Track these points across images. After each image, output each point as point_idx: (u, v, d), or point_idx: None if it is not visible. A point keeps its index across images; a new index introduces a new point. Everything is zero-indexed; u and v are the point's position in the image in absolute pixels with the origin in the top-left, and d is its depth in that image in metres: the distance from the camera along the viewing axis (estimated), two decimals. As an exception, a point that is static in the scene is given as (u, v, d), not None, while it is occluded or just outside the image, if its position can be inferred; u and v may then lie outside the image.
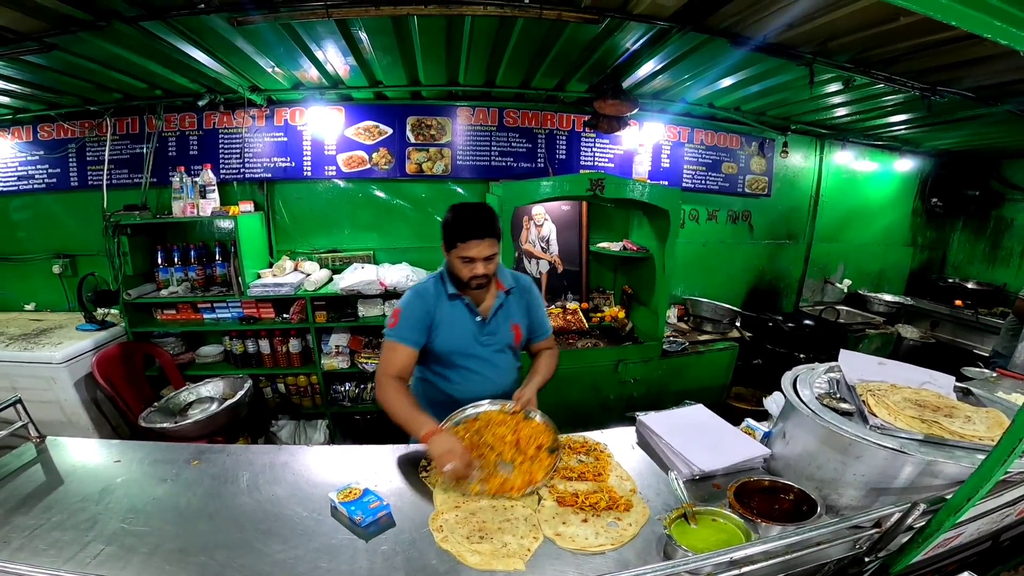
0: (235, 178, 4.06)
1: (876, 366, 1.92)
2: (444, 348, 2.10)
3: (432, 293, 2.08)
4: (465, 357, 2.13)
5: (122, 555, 1.38)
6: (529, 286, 2.29)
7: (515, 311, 2.21)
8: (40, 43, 2.54)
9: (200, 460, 1.89)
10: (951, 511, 1.25)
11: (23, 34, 2.50)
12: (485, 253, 1.95)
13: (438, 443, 1.73)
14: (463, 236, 1.93)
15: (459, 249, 1.95)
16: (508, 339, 2.19)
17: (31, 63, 2.87)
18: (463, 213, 1.98)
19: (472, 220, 1.95)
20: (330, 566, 1.37)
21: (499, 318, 2.16)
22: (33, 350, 3.30)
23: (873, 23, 2.41)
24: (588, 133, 4.35)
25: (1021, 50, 0.86)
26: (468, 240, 1.93)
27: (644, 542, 1.49)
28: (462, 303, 2.09)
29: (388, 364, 2.01)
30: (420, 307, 2.05)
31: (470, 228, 1.94)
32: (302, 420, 4.10)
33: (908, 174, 5.64)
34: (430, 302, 2.07)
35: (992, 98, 3.36)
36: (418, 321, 2.04)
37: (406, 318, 2.04)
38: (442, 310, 2.07)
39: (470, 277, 1.99)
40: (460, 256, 1.96)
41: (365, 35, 2.86)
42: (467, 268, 1.97)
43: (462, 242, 1.93)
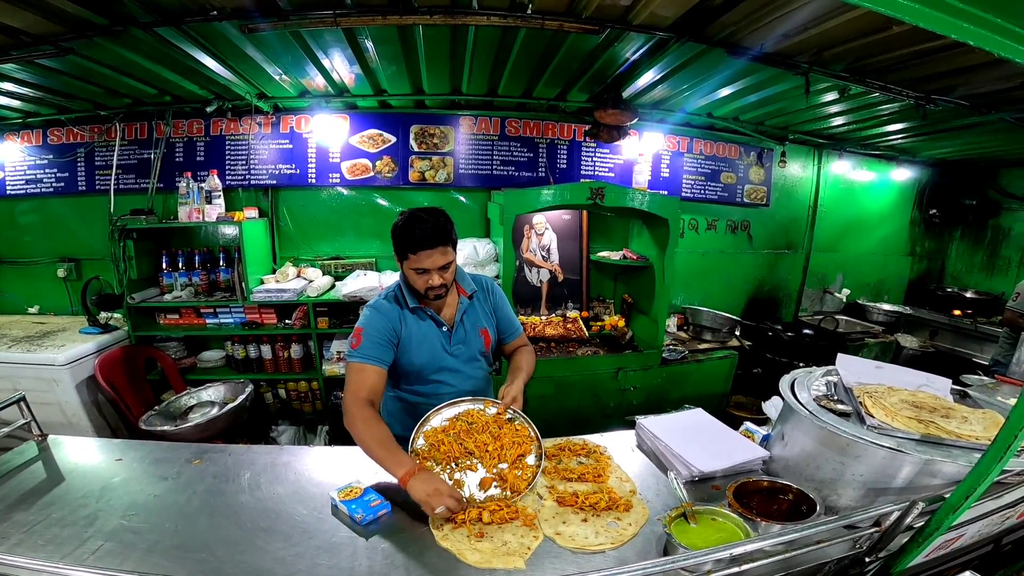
0: (240, 184, 4.11)
1: (873, 370, 1.94)
2: (413, 365, 2.00)
3: (391, 308, 1.97)
4: (436, 371, 2.04)
5: (120, 551, 1.39)
6: (491, 287, 2.20)
7: (481, 315, 2.14)
8: (56, 47, 2.60)
9: (201, 459, 1.91)
10: (950, 509, 1.26)
11: (39, 37, 2.56)
12: (439, 263, 1.85)
13: (420, 486, 1.54)
14: (414, 246, 1.82)
15: (411, 260, 1.85)
16: (478, 346, 2.11)
17: (45, 67, 2.92)
18: (412, 221, 1.83)
19: (422, 228, 1.81)
20: (330, 563, 1.38)
21: (465, 325, 2.08)
22: (36, 352, 3.32)
23: (866, 32, 2.46)
24: (588, 143, 4.40)
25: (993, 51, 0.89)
26: (419, 251, 1.82)
27: (644, 541, 1.50)
28: (425, 314, 2.01)
29: (357, 388, 1.82)
30: (383, 323, 1.93)
31: (422, 237, 1.81)
32: (302, 426, 4.10)
33: (905, 184, 5.69)
34: (393, 317, 1.95)
35: (986, 106, 3.41)
36: (382, 338, 1.91)
37: (369, 336, 1.90)
38: (407, 325, 1.98)
39: (426, 288, 1.89)
40: (413, 268, 1.86)
41: (371, 44, 2.93)
42: (422, 279, 1.88)
43: (413, 253, 1.83)
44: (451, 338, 2.05)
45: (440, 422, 1.89)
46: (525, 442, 1.83)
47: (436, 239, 1.82)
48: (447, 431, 1.84)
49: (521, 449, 1.80)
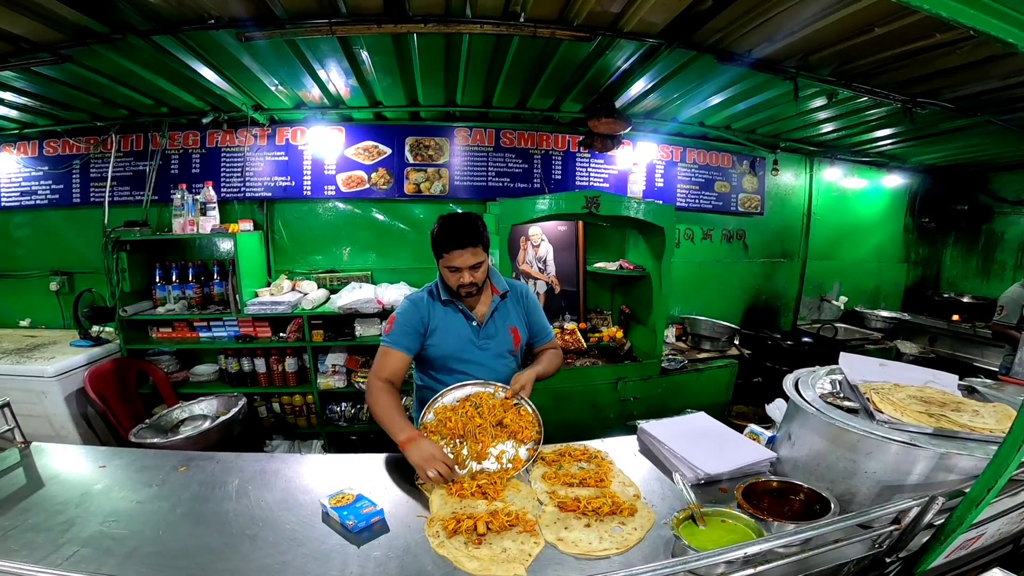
0: (236, 197, 4.11)
1: (877, 367, 1.92)
2: (440, 353, 2.12)
3: (426, 301, 2.13)
4: (462, 362, 2.14)
5: (97, 557, 1.34)
6: (526, 292, 2.32)
7: (512, 315, 2.24)
8: (54, 54, 2.61)
9: (188, 467, 1.85)
10: (971, 504, 1.21)
11: (38, 44, 2.57)
12: (470, 262, 1.99)
13: (416, 450, 1.73)
14: (447, 246, 1.98)
15: (445, 259, 2.00)
16: (507, 343, 2.20)
17: (43, 76, 2.94)
18: (447, 223, 2.02)
19: (455, 230, 1.99)
20: (319, 572, 1.33)
21: (496, 321, 2.18)
22: (25, 364, 3.27)
23: (850, 35, 2.51)
24: (583, 153, 4.43)
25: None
26: (452, 250, 1.97)
27: (651, 546, 1.45)
28: (455, 308, 2.14)
29: (380, 368, 2.04)
30: (414, 314, 2.10)
31: (454, 238, 1.97)
32: (297, 440, 4.03)
33: (897, 190, 5.75)
34: (423, 309, 2.11)
35: (972, 109, 3.46)
36: (412, 328, 2.08)
37: (400, 325, 2.08)
38: (436, 315, 2.12)
39: (458, 286, 2.04)
40: (447, 266, 2.01)
41: (367, 55, 2.95)
42: (454, 277, 2.02)
43: (447, 252, 1.99)
44: (480, 332, 2.15)
45: (451, 401, 2.00)
46: (527, 427, 1.94)
47: (467, 240, 1.97)
48: (456, 410, 1.95)
49: (524, 435, 1.91)
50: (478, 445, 1.85)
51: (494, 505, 1.61)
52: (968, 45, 2.52)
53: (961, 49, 2.57)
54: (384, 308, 3.71)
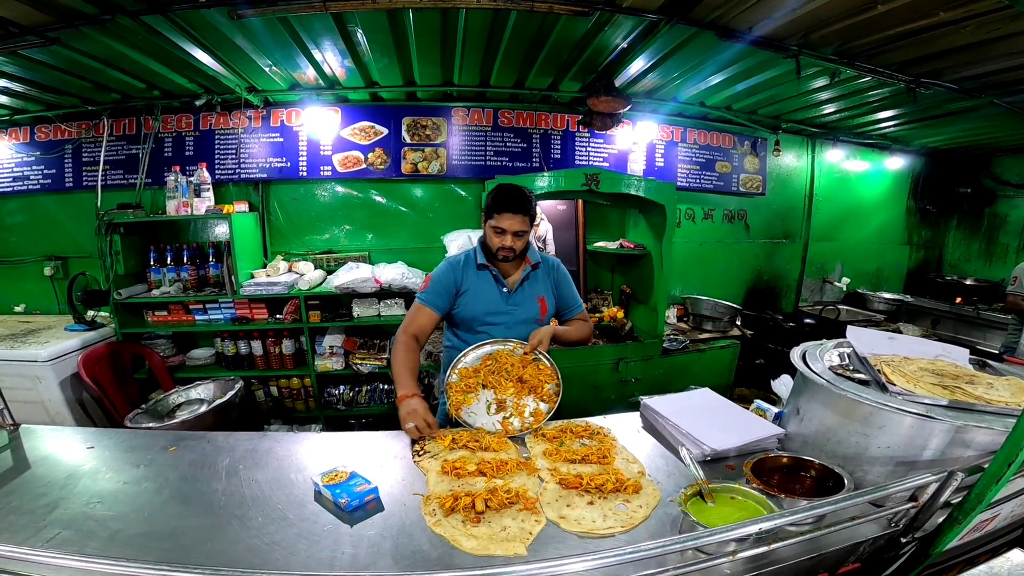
0: (230, 179, 4.05)
1: (887, 340, 1.87)
2: (468, 313, 2.23)
3: (462, 264, 2.25)
4: (488, 325, 2.24)
5: (78, 539, 1.30)
6: (557, 265, 2.42)
7: (542, 285, 2.34)
8: (42, 37, 2.54)
9: (178, 447, 1.81)
10: (991, 480, 1.16)
11: (27, 28, 2.51)
12: (516, 227, 2.11)
13: (405, 406, 1.88)
14: (499, 208, 2.11)
15: (494, 219, 2.12)
16: (533, 311, 2.30)
17: (33, 60, 2.88)
18: (503, 189, 2.15)
19: (509, 196, 2.12)
20: (309, 551, 1.28)
21: (525, 290, 2.29)
22: (18, 348, 3.24)
23: (853, 12, 2.45)
24: (582, 132, 4.37)
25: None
26: (503, 212, 2.10)
27: (657, 524, 1.41)
28: (489, 274, 2.24)
29: (409, 323, 2.19)
30: (449, 275, 2.22)
31: (507, 202, 2.11)
32: (295, 425, 4.01)
33: (900, 173, 5.69)
34: (458, 271, 2.23)
35: (975, 90, 3.40)
36: (445, 288, 2.21)
37: (435, 284, 2.22)
38: (469, 278, 2.23)
39: (499, 247, 2.15)
40: (493, 226, 2.13)
41: (362, 34, 2.89)
42: (498, 238, 2.14)
43: (498, 213, 2.11)
44: (509, 299, 2.26)
45: (473, 361, 2.12)
46: (547, 381, 2.07)
47: (518, 206, 2.11)
48: (478, 371, 2.06)
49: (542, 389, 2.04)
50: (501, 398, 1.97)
51: (493, 482, 1.57)
52: (972, 24, 2.46)
53: (965, 28, 2.52)
54: (382, 288, 3.67)
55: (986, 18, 2.39)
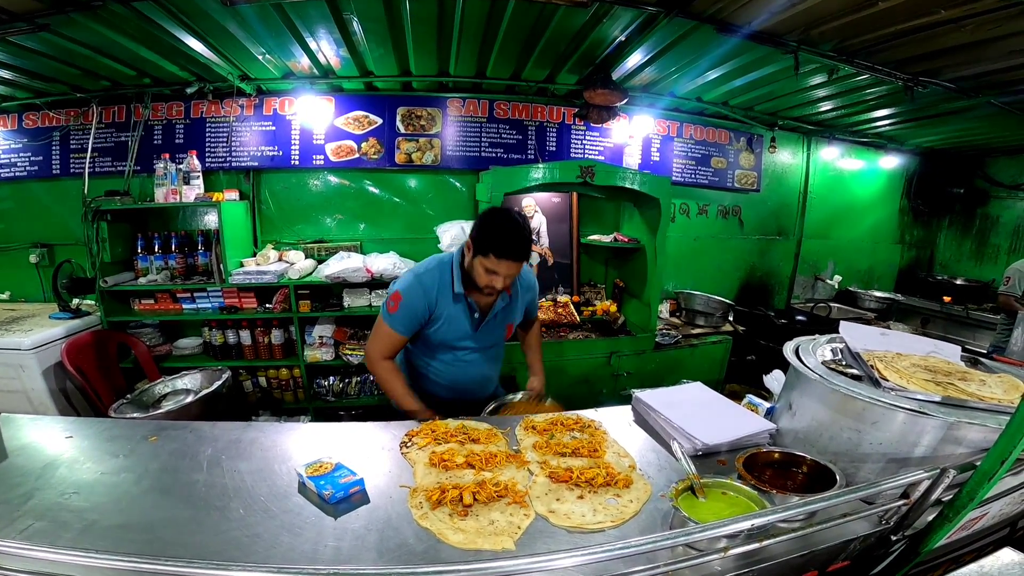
0: (221, 167, 4.00)
1: (879, 336, 1.87)
2: (436, 339, 2.13)
3: (436, 287, 2.04)
4: (454, 350, 2.16)
5: (52, 531, 1.26)
6: (532, 284, 2.35)
7: (514, 311, 2.24)
8: (31, 23, 2.49)
9: (159, 436, 1.77)
10: (983, 478, 1.15)
11: (15, 14, 2.46)
12: (514, 273, 1.96)
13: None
14: (501, 253, 1.88)
15: (490, 261, 1.90)
16: (500, 336, 2.25)
17: (21, 47, 2.82)
18: (510, 230, 1.90)
19: (515, 244, 1.89)
20: (291, 544, 1.25)
21: (497, 320, 2.18)
22: (2, 337, 3.17)
23: (853, 8, 2.43)
24: (578, 125, 4.34)
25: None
26: (504, 259, 1.89)
27: (648, 519, 1.39)
28: (464, 300, 2.08)
29: (383, 347, 2.08)
30: (421, 300, 2.02)
31: (513, 249, 1.89)
32: (283, 416, 3.96)
33: (894, 172, 5.71)
34: (432, 295, 2.03)
35: (972, 90, 3.40)
36: (416, 314, 2.04)
37: (406, 309, 2.02)
38: (443, 305, 2.06)
39: (486, 286, 1.97)
40: (486, 267, 1.92)
41: (358, 23, 2.84)
42: (488, 278, 1.95)
43: (498, 257, 1.89)
44: (479, 325, 2.14)
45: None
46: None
47: (524, 254, 1.93)
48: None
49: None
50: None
51: (482, 475, 1.55)
52: (972, 23, 2.45)
53: (965, 27, 2.50)
54: (373, 277, 3.63)
55: (986, 17, 2.38)
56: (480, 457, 1.63)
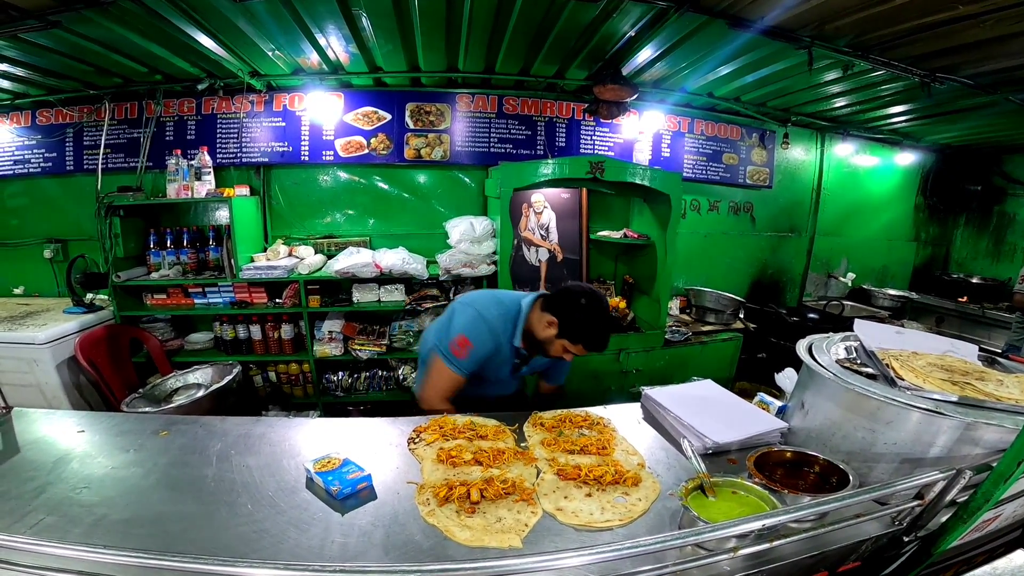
0: (232, 163, 4.02)
1: (894, 334, 1.84)
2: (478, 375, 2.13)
3: (501, 335, 2.07)
4: (484, 381, 2.20)
5: (62, 525, 1.28)
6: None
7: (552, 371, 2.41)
8: (42, 20, 2.50)
9: (169, 431, 1.78)
10: (999, 479, 1.12)
11: (26, 11, 2.47)
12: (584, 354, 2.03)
13: None
14: (592, 346, 1.98)
15: (576, 347, 1.98)
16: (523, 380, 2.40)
17: (34, 44, 2.84)
18: (609, 329, 2.02)
19: (607, 339, 2.01)
20: (298, 540, 1.25)
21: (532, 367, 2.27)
22: (16, 331, 3.21)
23: (870, 3, 2.39)
24: (588, 121, 4.32)
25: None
26: (592, 350, 1.99)
27: (656, 518, 1.38)
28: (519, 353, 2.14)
29: (445, 391, 2.09)
30: (490, 344, 2.05)
31: (603, 346, 2.00)
32: (292, 411, 3.99)
33: (909, 169, 5.62)
34: (497, 343, 2.07)
35: (990, 86, 3.33)
36: (484, 356, 2.06)
37: (475, 354, 2.03)
38: (501, 353, 2.10)
39: (556, 358, 2.07)
40: (569, 349, 1.99)
41: (367, 19, 2.84)
42: (563, 354, 2.03)
43: (586, 347, 1.97)
44: (517, 371, 2.23)
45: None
46: None
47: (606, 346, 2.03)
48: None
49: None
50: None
51: (489, 472, 1.55)
52: (992, 19, 2.39)
53: (984, 23, 2.44)
54: (382, 273, 3.64)
55: (1006, 13, 2.32)
56: (488, 454, 1.63)
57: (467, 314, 2.07)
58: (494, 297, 2.17)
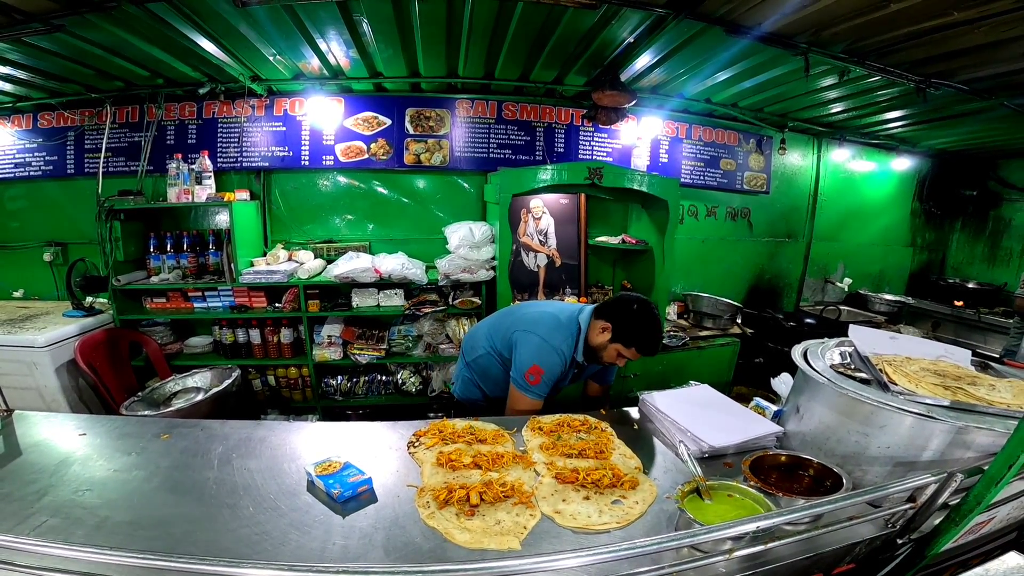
0: (232, 167, 4.04)
1: (888, 340, 1.86)
2: None
3: (567, 355, 2.17)
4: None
5: (65, 527, 1.29)
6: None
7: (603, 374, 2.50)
8: (46, 24, 2.52)
9: (171, 434, 1.80)
10: (990, 482, 1.15)
11: (30, 15, 2.48)
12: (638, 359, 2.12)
13: None
14: (645, 350, 2.07)
15: (630, 351, 2.08)
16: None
17: (36, 47, 2.86)
18: (660, 333, 2.10)
19: (659, 343, 2.11)
20: (300, 542, 1.27)
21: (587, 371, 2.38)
22: (15, 334, 3.21)
23: (866, 9, 2.40)
24: (586, 126, 4.35)
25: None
26: (645, 355, 2.08)
27: (653, 520, 1.40)
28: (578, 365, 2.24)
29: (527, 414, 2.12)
30: (560, 366, 2.16)
31: (656, 349, 2.09)
32: (291, 415, 4.00)
33: (906, 174, 5.66)
34: (565, 365, 2.18)
35: (986, 92, 3.35)
36: (558, 378, 2.19)
37: (548, 381, 2.14)
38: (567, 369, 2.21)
39: (609, 364, 2.18)
40: (623, 353, 2.09)
41: (368, 24, 2.86)
42: (616, 359, 2.13)
43: (640, 352, 2.07)
44: (577, 379, 2.38)
45: None
46: None
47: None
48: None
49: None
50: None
51: (488, 475, 1.57)
52: (987, 25, 2.42)
53: (980, 28, 2.47)
54: (382, 278, 3.65)
55: (1001, 18, 2.35)
56: (487, 457, 1.65)
57: (532, 343, 2.15)
58: (554, 319, 2.22)
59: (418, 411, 3.84)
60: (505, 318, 2.40)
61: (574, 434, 1.87)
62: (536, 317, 2.26)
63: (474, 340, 2.44)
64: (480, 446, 1.74)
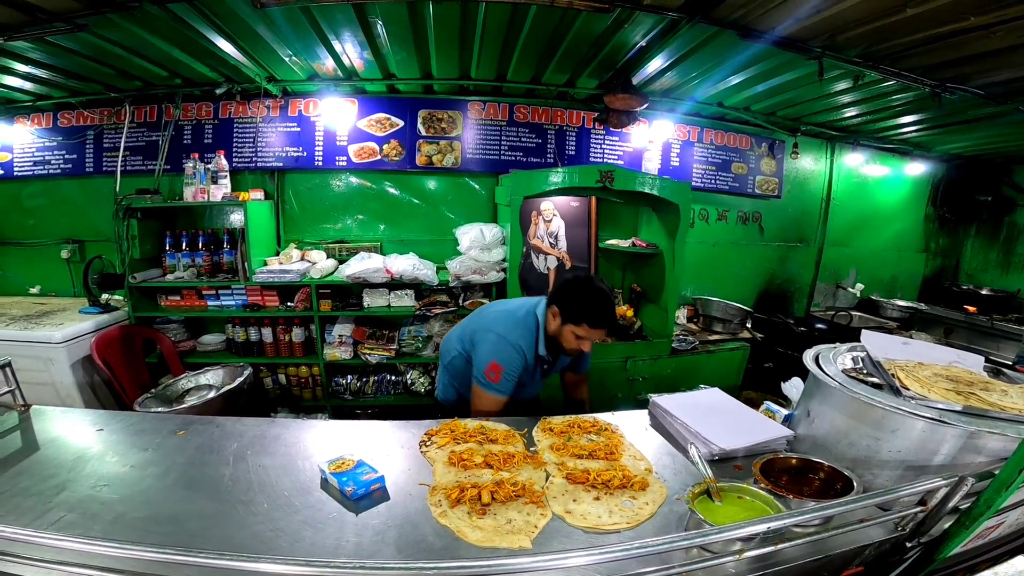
0: (247, 167, 4.09)
1: (901, 345, 1.85)
2: None
3: (527, 349, 2.14)
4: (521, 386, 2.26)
5: (83, 522, 1.31)
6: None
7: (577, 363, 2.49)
8: (70, 23, 2.56)
9: (186, 431, 1.82)
10: (1001, 486, 1.15)
11: (54, 14, 2.53)
12: (600, 338, 2.09)
13: None
14: (596, 323, 2.02)
15: (582, 329, 2.03)
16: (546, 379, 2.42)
17: (58, 46, 2.90)
18: (603, 302, 2.02)
19: (609, 312, 2.04)
20: (313, 539, 1.29)
21: (557, 365, 2.37)
22: (33, 330, 3.27)
23: (880, 15, 2.40)
24: (598, 129, 4.35)
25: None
26: (598, 328, 2.03)
27: (663, 521, 1.41)
28: (544, 359, 2.21)
29: (492, 412, 2.13)
30: (520, 363, 2.12)
31: (607, 320, 2.03)
32: (302, 413, 4.03)
33: (920, 179, 5.61)
34: (528, 359, 2.15)
35: (1002, 96, 3.32)
36: (518, 374, 2.14)
37: (509, 375, 2.10)
38: (528, 365, 2.18)
39: (573, 350, 2.13)
40: (577, 333, 2.04)
41: (382, 26, 2.88)
42: (576, 343, 2.07)
43: (591, 326, 2.02)
44: (546, 375, 2.36)
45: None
46: None
47: (614, 323, 2.14)
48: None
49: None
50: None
51: (500, 475, 1.58)
52: (1003, 30, 2.40)
53: (996, 33, 2.45)
54: (393, 278, 3.67)
55: (1017, 23, 2.33)
56: (498, 457, 1.66)
57: (489, 340, 2.13)
58: (510, 315, 2.21)
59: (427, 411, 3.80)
60: (472, 319, 2.40)
61: (584, 435, 1.88)
62: (495, 316, 2.27)
63: (449, 343, 2.44)
64: (491, 446, 1.76)
